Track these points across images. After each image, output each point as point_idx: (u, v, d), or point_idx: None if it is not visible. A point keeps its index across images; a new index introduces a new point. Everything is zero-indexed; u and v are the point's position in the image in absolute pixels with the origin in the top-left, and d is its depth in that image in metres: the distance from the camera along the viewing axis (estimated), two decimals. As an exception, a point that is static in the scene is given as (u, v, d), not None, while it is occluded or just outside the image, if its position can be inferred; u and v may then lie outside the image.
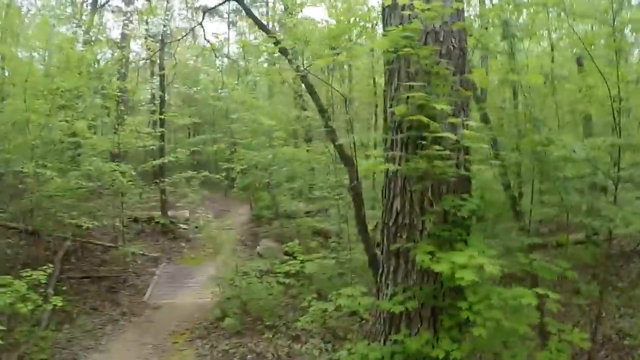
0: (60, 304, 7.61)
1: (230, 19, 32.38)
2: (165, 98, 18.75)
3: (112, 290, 10.68)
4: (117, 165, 11.53)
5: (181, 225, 17.57)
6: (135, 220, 16.22)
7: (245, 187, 17.13)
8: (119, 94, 16.10)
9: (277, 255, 13.82)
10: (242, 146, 15.75)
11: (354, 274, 8.87)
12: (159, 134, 16.11)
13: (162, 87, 16.90)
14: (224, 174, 18.53)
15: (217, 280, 9.90)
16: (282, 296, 8.60)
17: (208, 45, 15.36)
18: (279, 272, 8.49)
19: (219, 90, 22.99)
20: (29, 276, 7.19)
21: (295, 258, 11.52)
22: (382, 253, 4.61)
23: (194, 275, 12.73)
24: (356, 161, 7.12)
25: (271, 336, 7.22)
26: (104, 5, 22.28)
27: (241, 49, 27.45)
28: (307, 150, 15.01)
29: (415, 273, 4.22)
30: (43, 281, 7.39)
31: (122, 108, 16.40)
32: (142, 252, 13.50)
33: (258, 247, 15.80)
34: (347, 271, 8.94)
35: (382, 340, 4.38)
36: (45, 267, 7.57)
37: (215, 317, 8.73)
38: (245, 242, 16.82)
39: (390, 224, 4.44)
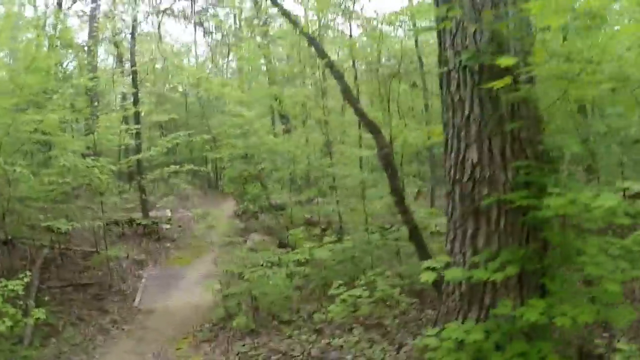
0: (44, 316, 6.84)
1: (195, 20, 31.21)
2: (139, 96, 17.78)
3: (98, 298, 9.86)
4: (94, 160, 10.62)
5: (164, 226, 16.72)
6: (116, 223, 15.29)
7: (233, 179, 16.30)
8: (89, 93, 15.21)
9: (270, 248, 13.16)
10: (226, 136, 14.98)
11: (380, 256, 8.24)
12: (135, 131, 15.18)
13: (135, 84, 15.97)
14: (207, 166, 17.45)
15: (216, 277, 9.18)
16: (293, 288, 7.88)
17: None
18: (288, 262, 7.75)
19: (196, 87, 22.20)
20: (4, 286, 6.40)
21: (292, 249, 10.96)
22: (450, 217, 4.04)
23: (184, 275, 11.97)
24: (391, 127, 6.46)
25: (292, 332, 6.53)
26: (68, 9, 21.16)
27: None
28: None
29: (502, 234, 3.70)
30: (21, 292, 6.61)
31: (96, 104, 15.42)
32: (126, 255, 12.65)
33: (247, 241, 15.11)
34: (365, 254, 8.29)
35: (460, 319, 3.82)
36: (22, 276, 6.78)
37: (219, 317, 8.01)
38: (232, 238, 16.06)
39: (465, 179, 3.88)
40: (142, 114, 17.15)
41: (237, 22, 28.78)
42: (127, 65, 20.20)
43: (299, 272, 7.70)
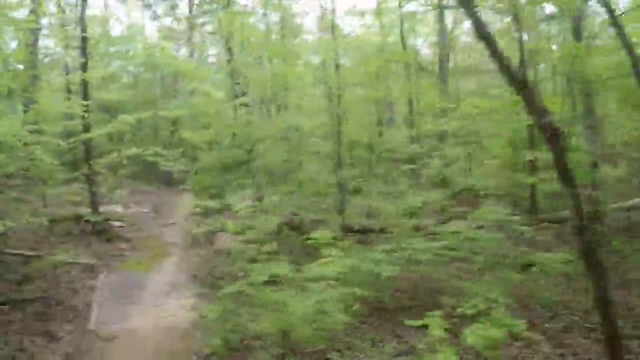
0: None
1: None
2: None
3: (42, 318, 7.90)
4: (32, 133, 8.53)
5: (116, 223, 14.63)
6: (60, 220, 13.13)
7: (206, 169, 14.37)
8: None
9: (247, 252, 11.52)
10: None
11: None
12: (83, 108, 12.95)
13: (85, 53, 13.66)
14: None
15: (187, 288, 7.41)
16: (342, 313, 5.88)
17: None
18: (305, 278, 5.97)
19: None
20: None
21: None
22: None
23: (146, 284, 10.09)
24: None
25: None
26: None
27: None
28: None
29: None
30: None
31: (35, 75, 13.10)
32: (74, 261, 10.63)
33: (215, 242, 13.36)
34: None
35: None
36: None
37: (214, 349, 6.25)
38: (197, 238, 14.24)
39: None
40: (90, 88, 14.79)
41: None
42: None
43: (347, 293, 5.79)
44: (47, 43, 21.85)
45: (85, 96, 13.26)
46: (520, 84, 4.61)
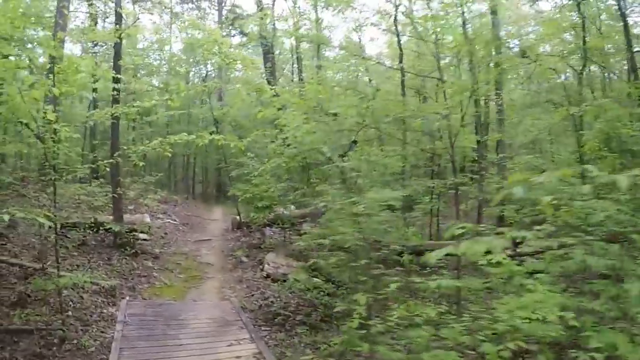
0: None
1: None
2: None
3: (38, 363, 5.25)
4: (53, 112, 6.13)
5: (141, 235, 12.03)
6: (74, 226, 10.57)
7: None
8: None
9: (306, 278, 8.81)
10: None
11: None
12: (114, 92, 10.57)
13: (119, 35, 11.26)
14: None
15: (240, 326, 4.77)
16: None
17: None
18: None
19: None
20: None
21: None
22: None
23: (183, 318, 7.41)
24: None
25: None
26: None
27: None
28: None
29: None
30: None
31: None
32: (88, 279, 8.00)
33: (265, 265, 10.66)
34: None
35: None
36: None
37: None
38: (239, 259, 11.57)
39: None
40: (123, 82, 12.47)
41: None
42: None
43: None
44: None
45: (116, 96, 10.87)
46: None
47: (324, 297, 8.37)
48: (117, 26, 11.39)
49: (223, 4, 26.80)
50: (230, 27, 24.95)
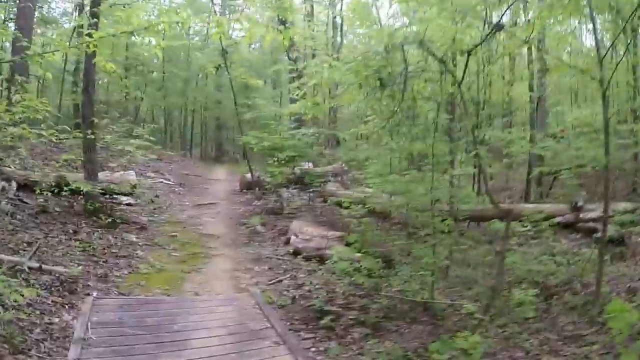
0: None
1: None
2: None
3: None
4: None
5: (124, 199, 9.25)
6: (30, 184, 7.78)
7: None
8: None
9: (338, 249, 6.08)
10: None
11: None
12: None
13: None
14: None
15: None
16: None
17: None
18: None
19: None
20: None
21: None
22: None
23: (181, 326, 4.65)
24: None
25: None
26: None
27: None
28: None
29: None
30: None
31: None
32: (35, 264, 5.23)
33: (290, 237, 7.92)
34: None
35: None
36: None
37: None
38: (254, 229, 8.81)
39: None
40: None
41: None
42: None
43: None
44: None
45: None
46: None
47: (375, 280, 5.69)
48: None
49: None
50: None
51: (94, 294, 5.22)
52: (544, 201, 9.95)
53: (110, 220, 7.74)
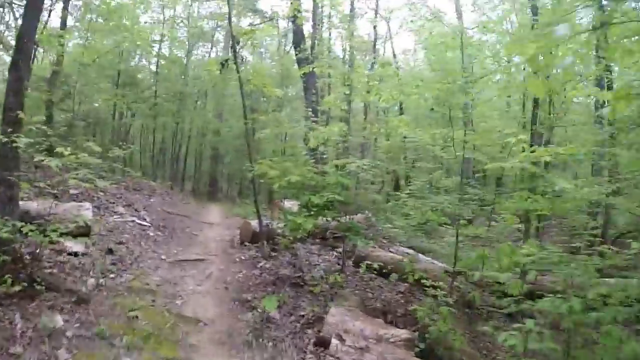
0: None
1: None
2: None
3: None
4: None
5: (69, 246, 6.00)
6: None
7: None
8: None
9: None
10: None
11: None
12: None
13: None
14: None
15: None
16: None
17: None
18: None
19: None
20: None
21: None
22: None
23: None
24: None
25: None
26: None
27: None
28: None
29: None
30: None
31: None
32: None
33: (328, 338, 4.67)
34: None
35: None
36: None
37: None
38: (265, 314, 5.49)
39: None
40: None
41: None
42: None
43: None
44: None
45: None
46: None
47: None
48: None
49: None
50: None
51: None
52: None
53: (23, 286, 4.47)
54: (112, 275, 5.87)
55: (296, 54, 13.79)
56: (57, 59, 13.58)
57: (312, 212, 5.87)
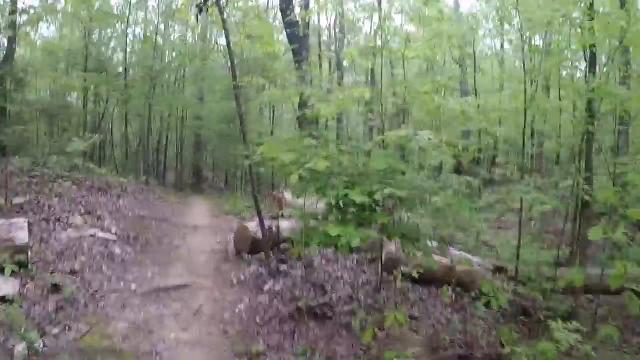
0: None
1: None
2: None
3: None
4: None
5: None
6: None
7: None
8: None
9: None
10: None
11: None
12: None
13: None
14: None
15: None
16: None
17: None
18: None
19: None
20: None
21: None
22: None
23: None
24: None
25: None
26: None
27: None
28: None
29: None
30: None
31: None
32: None
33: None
34: None
35: None
36: None
37: None
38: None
39: None
40: None
41: None
42: None
43: None
44: None
45: None
46: None
47: None
48: None
49: None
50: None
51: None
52: None
53: None
54: (55, 331, 3.97)
55: (284, 19, 11.81)
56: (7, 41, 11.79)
57: (348, 216, 3.96)
